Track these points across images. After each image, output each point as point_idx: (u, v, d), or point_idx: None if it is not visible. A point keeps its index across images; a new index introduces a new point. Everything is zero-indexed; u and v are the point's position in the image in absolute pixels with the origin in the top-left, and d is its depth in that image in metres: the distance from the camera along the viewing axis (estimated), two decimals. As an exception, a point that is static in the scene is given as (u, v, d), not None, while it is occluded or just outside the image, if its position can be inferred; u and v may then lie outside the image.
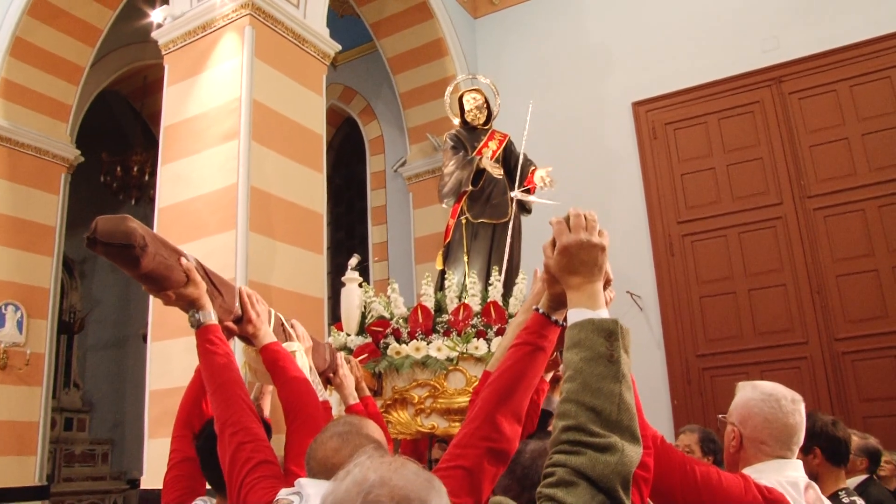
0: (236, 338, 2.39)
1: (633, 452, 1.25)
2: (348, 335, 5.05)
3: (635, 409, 1.31)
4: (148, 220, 6.38)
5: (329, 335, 5.25)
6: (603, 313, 1.38)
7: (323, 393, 2.59)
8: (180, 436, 2.31)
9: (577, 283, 1.44)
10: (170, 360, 5.21)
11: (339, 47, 6.65)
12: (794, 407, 2.05)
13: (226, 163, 5.46)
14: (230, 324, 2.29)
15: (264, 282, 5.28)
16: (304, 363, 2.46)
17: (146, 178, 10.54)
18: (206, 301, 2.12)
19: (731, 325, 6.94)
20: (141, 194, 10.77)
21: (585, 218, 1.48)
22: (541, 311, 1.65)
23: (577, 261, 1.45)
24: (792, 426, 2.04)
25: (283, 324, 2.60)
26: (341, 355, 3.10)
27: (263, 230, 5.42)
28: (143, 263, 1.90)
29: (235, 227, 5.26)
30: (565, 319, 1.57)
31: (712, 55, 7.51)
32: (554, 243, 1.49)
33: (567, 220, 1.49)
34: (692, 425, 4.20)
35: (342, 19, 9.23)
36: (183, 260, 2.07)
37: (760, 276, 6.93)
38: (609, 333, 1.33)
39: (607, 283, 1.53)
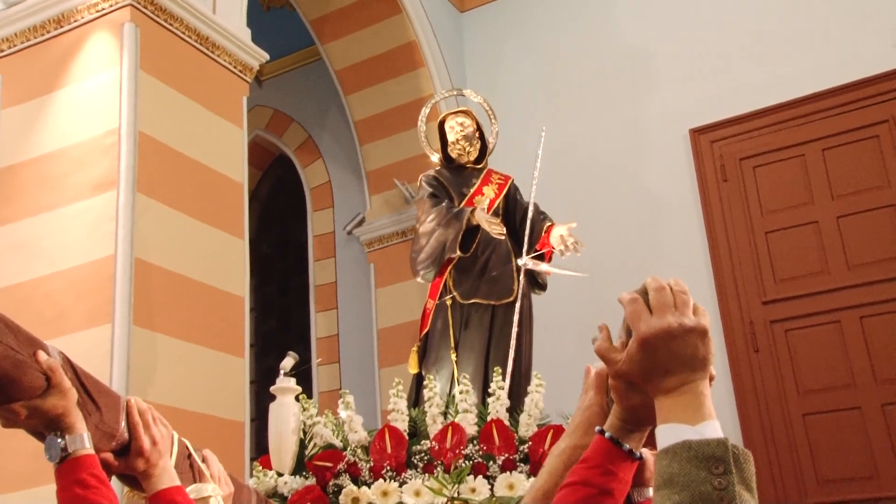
0: (115, 477, 2.24)
1: None
2: (279, 475, 4.95)
3: None
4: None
5: (251, 475, 5.16)
6: (709, 429, 1.33)
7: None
8: None
9: (671, 386, 1.39)
10: (5, 528, 5.01)
11: (267, 56, 6.68)
12: None
13: (97, 225, 5.39)
14: (108, 455, 2.14)
15: (154, 399, 5.07)
16: (220, 519, 2.42)
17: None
18: (77, 418, 1.96)
19: (857, 458, 6.72)
20: (-46, 269, 10.60)
21: (672, 291, 1.44)
22: (607, 434, 1.57)
23: (668, 356, 1.40)
24: None
25: (189, 455, 2.49)
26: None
27: (153, 323, 5.34)
28: None
29: (111, 320, 5.16)
30: (652, 444, 1.51)
31: (811, 57, 7.56)
32: (628, 333, 1.46)
33: (644, 295, 1.45)
34: None
35: (269, 13, 9.35)
36: (41, 354, 1.91)
37: (899, 384, 6.80)
38: (715, 462, 1.26)
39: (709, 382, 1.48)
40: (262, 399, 7.79)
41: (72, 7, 5.83)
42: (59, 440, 1.92)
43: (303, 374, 8.66)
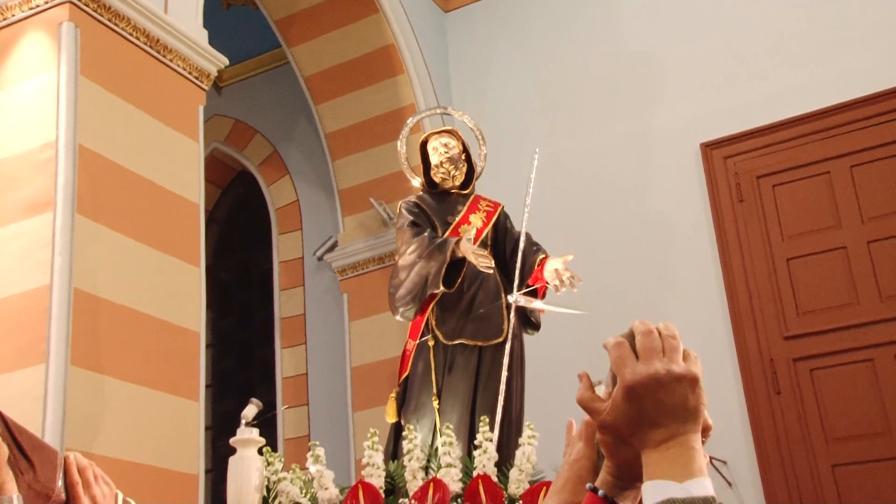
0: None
1: None
2: (239, 539, 5.00)
3: None
4: None
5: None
6: (697, 487, 1.35)
7: None
8: None
9: (659, 439, 1.42)
10: None
11: (226, 60, 6.67)
12: None
13: (30, 251, 5.34)
14: None
15: (96, 450, 5.10)
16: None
17: None
18: (7, 478, 1.93)
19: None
20: None
21: (660, 335, 1.45)
22: (600, 492, 1.57)
23: (654, 406, 1.42)
24: None
25: (137, 517, 2.56)
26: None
27: (94, 363, 5.28)
28: None
29: (45, 360, 5.08)
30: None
31: (836, 63, 7.57)
32: (614, 381, 1.46)
33: (631, 339, 1.46)
34: None
35: (229, 12, 9.38)
36: None
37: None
38: None
39: (704, 434, 1.50)
40: (219, 447, 7.72)
41: (0, 4, 5.77)
42: None
43: (267, 420, 8.63)
